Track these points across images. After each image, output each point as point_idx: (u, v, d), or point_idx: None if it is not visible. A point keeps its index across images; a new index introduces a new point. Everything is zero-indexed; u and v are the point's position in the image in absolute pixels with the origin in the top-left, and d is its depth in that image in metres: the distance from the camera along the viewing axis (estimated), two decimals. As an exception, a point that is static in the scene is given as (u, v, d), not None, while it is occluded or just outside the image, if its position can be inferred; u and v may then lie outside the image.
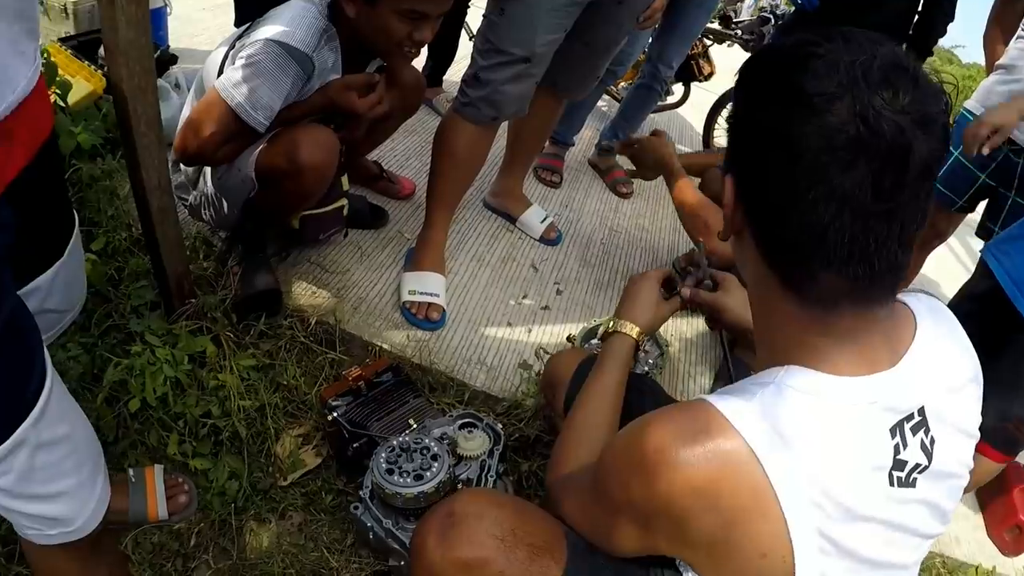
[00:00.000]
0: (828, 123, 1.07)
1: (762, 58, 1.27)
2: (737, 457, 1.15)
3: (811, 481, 1.15)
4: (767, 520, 1.15)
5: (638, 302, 2.07)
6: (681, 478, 1.17)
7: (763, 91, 1.20)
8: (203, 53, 4.17)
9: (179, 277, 2.46)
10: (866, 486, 1.21)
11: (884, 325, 1.25)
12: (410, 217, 3.57)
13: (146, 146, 2.09)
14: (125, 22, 1.85)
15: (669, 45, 4.38)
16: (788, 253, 1.21)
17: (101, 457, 1.79)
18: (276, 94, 2.33)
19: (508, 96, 2.84)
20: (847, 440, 1.19)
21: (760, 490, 1.14)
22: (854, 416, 1.20)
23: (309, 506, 2.36)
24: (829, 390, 1.19)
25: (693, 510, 1.18)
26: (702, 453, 1.16)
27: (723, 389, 1.30)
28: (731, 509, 1.16)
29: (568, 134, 4.57)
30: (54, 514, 1.64)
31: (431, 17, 2.40)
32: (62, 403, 1.58)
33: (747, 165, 1.25)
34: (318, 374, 2.63)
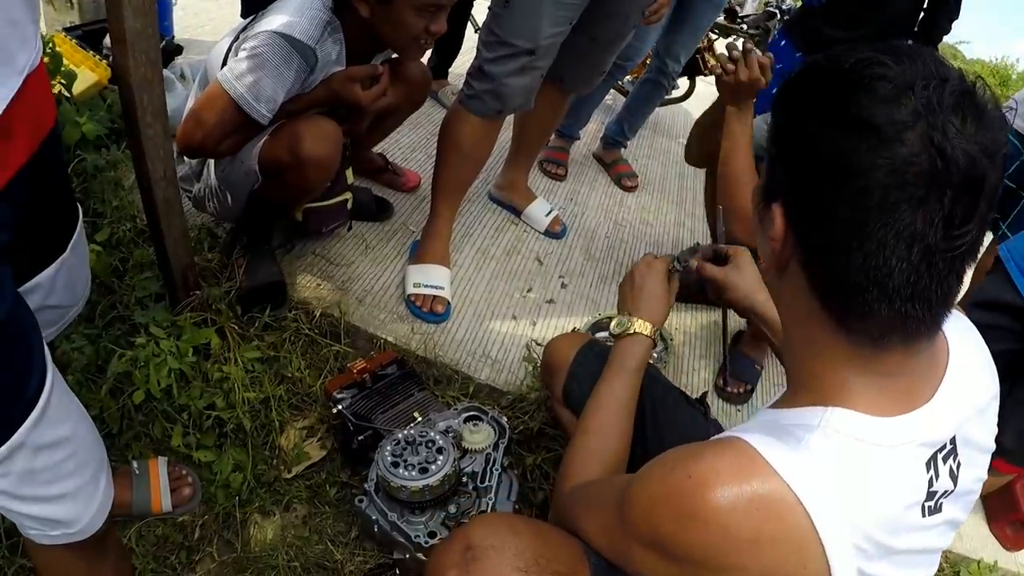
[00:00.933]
0: (899, 155, 0.99)
1: (815, 76, 1.14)
2: (783, 507, 1.10)
3: (854, 527, 1.12)
4: (808, 567, 1.12)
5: (647, 295, 2.00)
6: (723, 530, 1.12)
7: (821, 115, 1.10)
8: (208, 43, 4.18)
9: (184, 269, 2.45)
10: (903, 523, 1.19)
11: (924, 357, 1.21)
12: (415, 210, 3.57)
13: (152, 137, 2.08)
14: (132, 12, 1.84)
15: (677, 40, 4.38)
16: (846, 290, 1.13)
17: (104, 457, 1.78)
18: (279, 86, 2.32)
19: (513, 89, 2.83)
20: (889, 483, 1.16)
21: (806, 541, 1.10)
22: (896, 457, 1.17)
23: (313, 499, 2.36)
24: (874, 434, 1.15)
25: (733, 561, 1.14)
26: (747, 504, 1.11)
27: (758, 427, 1.25)
28: (774, 560, 1.13)
29: (574, 128, 4.57)
30: (56, 516, 1.63)
31: (444, 8, 2.42)
32: (63, 403, 1.57)
33: (803, 197, 1.15)
34: (323, 366, 2.63)
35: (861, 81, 1.04)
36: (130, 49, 1.90)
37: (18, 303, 1.41)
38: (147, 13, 1.89)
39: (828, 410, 1.17)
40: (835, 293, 1.14)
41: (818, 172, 1.10)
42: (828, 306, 1.16)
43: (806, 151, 1.12)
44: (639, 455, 2.10)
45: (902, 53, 1.05)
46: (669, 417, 2.23)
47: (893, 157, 0.99)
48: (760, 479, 1.11)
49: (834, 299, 1.15)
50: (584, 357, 2.26)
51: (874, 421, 1.16)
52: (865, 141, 1.02)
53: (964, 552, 3.18)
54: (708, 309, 3.68)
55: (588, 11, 2.84)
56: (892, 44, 1.07)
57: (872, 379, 1.18)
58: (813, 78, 1.14)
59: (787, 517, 1.10)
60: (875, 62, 1.04)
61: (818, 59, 1.14)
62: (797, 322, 1.27)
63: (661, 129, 5.90)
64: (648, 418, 2.17)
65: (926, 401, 1.20)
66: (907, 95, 1.01)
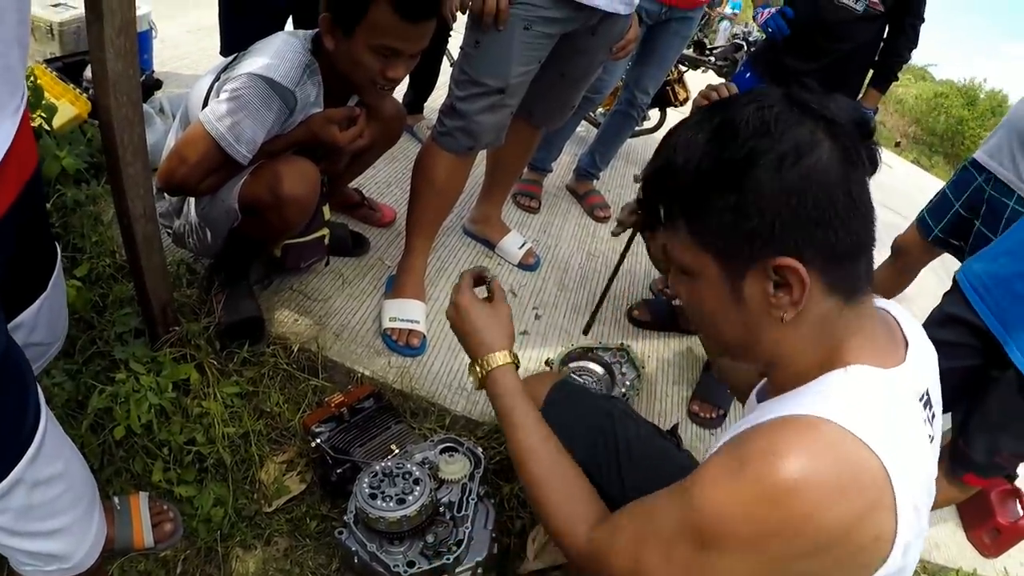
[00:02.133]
0: (819, 157, 1.19)
1: (691, 170, 1.27)
2: (851, 449, 1.18)
3: (906, 467, 1.21)
4: (884, 509, 1.18)
5: (476, 330, 1.89)
6: (816, 490, 1.14)
7: (749, 176, 1.21)
8: (188, 77, 4.21)
9: (163, 305, 2.48)
10: (926, 457, 1.32)
11: (882, 322, 1.39)
12: (391, 244, 3.60)
13: (132, 175, 2.12)
14: (114, 54, 1.88)
15: (645, 73, 4.45)
16: (845, 265, 1.28)
17: (96, 493, 1.81)
18: (259, 127, 2.36)
19: (484, 126, 2.89)
20: (912, 420, 1.30)
21: (884, 489, 1.18)
22: (906, 400, 1.31)
23: (294, 532, 2.38)
24: (887, 381, 1.29)
25: (829, 520, 1.15)
26: (824, 457, 1.16)
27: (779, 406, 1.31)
28: (861, 516, 1.17)
29: (546, 160, 4.62)
30: (52, 551, 1.65)
31: (404, 55, 2.44)
32: (56, 440, 1.60)
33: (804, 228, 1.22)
34: (301, 401, 2.66)
35: (751, 150, 1.21)
36: (112, 90, 1.93)
37: (11, 342, 1.44)
38: (128, 55, 1.93)
39: (846, 369, 1.29)
40: (840, 274, 1.28)
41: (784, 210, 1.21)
42: (835, 287, 1.28)
43: (766, 205, 1.22)
44: (616, 493, 2.15)
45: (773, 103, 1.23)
46: (644, 451, 2.26)
47: (818, 155, 1.20)
48: (821, 432, 1.19)
49: (839, 277, 1.28)
50: (555, 398, 2.30)
51: (882, 371, 1.29)
52: (788, 163, 1.19)
53: (942, 561, 3.25)
54: (680, 336, 3.74)
55: (557, 48, 2.90)
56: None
57: (861, 340, 1.31)
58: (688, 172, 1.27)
59: (858, 458, 1.17)
60: (754, 134, 1.22)
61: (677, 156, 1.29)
62: (801, 324, 1.32)
63: (633, 160, 5.96)
64: (623, 455, 2.21)
65: (903, 358, 1.35)
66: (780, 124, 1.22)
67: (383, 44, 2.36)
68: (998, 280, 2.66)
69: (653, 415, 3.23)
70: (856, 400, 1.24)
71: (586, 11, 2.78)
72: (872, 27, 3.96)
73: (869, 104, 4.27)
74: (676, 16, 4.10)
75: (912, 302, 4.81)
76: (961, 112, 18.67)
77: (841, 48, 3.95)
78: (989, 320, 2.63)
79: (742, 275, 1.28)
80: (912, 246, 4.01)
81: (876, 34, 4.03)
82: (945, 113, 18.72)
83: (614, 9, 2.83)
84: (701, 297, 1.38)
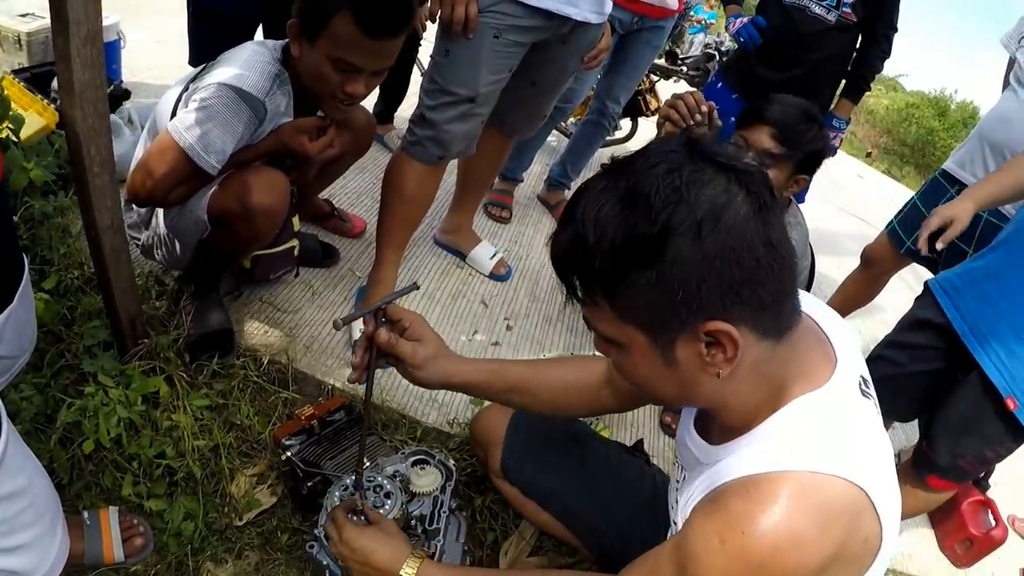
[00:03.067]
0: (736, 213, 1.17)
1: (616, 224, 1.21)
2: (824, 490, 1.23)
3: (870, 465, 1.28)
4: (866, 516, 1.25)
5: (378, 550, 1.83)
6: (799, 544, 1.20)
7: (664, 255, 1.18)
8: (157, 87, 4.19)
9: (132, 317, 2.46)
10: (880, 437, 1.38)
11: (809, 334, 1.43)
12: (361, 255, 3.60)
13: (99, 187, 2.10)
14: (80, 64, 1.87)
15: (616, 82, 4.45)
16: (770, 312, 1.27)
17: (59, 507, 1.79)
18: (229, 138, 2.35)
19: (454, 136, 2.89)
20: (860, 416, 1.37)
21: (860, 501, 1.24)
22: (850, 403, 1.37)
23: (265, 545, 2.36)
24: (827, 395, 1.34)
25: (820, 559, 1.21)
26: (800, 509, 1.21)
27: (735, 461, 1.37)
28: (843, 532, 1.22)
29: (517, 170, 4.63)
30: (15, 567, 1.63)
31: (364, 72, 2.41)
32: (18, 454, 1.58)
33: (731, 289, 1.21)
34: (271, 413, 2.64)
35: (667, 221, 1.16)
36: (78, 100, 1.92)
37: None
38: (96, 65, 1.91)
39: (785, 407, 1.33)
40: (770, 320, 1.28)
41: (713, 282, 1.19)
42: (766, 334, 1.29)
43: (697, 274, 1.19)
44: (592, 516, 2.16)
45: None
46: (613, 470, 2.28)
47: (735, 216, 1.17)
48: (789, 485, 1.23)
49: (769, 323, 1.29)
50: (517, 427, 2.31)
51: (821, 391, 1.33)
52: (708, 230, 1.16)
53: (915, 572, 3.28)
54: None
55: (528, 58, 2.90)
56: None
57: (796, 368, 1.35)
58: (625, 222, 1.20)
59: (830, 492, 1.22)
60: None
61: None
62: (738, 373, 1.32)
63: (604, 169, 5.95)
64: (593, 474, 2.23)
65: (834, 360, 1.40)
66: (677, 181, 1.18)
67: (341, 58, 2.34)
68: (968, 280, 2.69)
69: (625, 426, 3.23)
70: (808, 436, 1.29)
71: (557, 20, 2.78)
72: (844, 37, 3.98)
73: (841, 114, 4.29)
74: (647, 26, 4.12)
75: (882, 311, 4.85)
76: (932, 123, 18.77)
77: (813, 58, 3.97)
78: (956, 321, 2.66)
79: (672, 342, 1.28)
80: (882, 256, 4.04)
81: (848, 44, 4.06)
82: (916, 124, 18.84)
83: (585, 18, 2.83)
84: (634, 363, 1.37)
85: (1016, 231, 2.64)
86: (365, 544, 1.83)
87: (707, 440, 1.55)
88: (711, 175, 1.18)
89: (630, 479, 2.28)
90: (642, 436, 3.02)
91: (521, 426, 2.31)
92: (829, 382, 1.35)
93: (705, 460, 1.50)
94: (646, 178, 1.18)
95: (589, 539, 2.23)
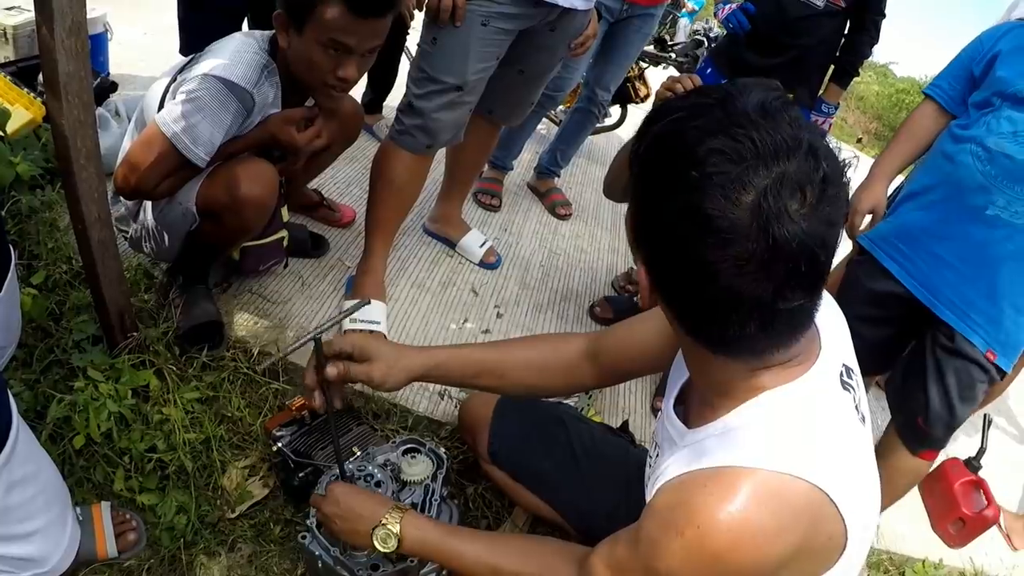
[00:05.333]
0: (740, 250, 1.09)
1: (658, 155, 1.20)
2: (782, 489, 1.23)
3: (839, 470, 1.27)
4: (827, 517, 1.25)
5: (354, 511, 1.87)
6: (754, 540, 1.22)
7: (665, 205, 1.17)
8: (144, 80, 4.17)
9: (120, 310, 2.45)
10: (855, 434, 1.37)
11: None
12: (350, 245, 3.59)
13: (85, 179, 2.09)
14: (65, 55, 1.86)
15: (606, 70, 4.45)
16: (708, 338, 1.29)
17: (68, 497, 1.80)
18: (217, 129, 2.34)
19: (442, 124, 2.89)
20: (837, 418, 1.35)
21: (822, 504, 1.24)
22: (828, 400, 1.35)
23: (258, 537, 2.36)
24: (798, 392, 1.32)
25: (776, 557, 1.23)
26: (756, 508, 1.22)
27: (703, 449, 1.37)
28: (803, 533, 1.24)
29: (507, 158, 4.62)
30: (29, 554, 1.64)
31: (355, 53, 2.39)
32: (27, 441, 1.59)
33: (660, 270, 1.26)
34: (262, 405, 2.64)
35: (702, 176, 1.11)
36: (63, 92, 1.91)
37: None
38: (80, 56, 1.91)
39: (755, 399, 1.32)
40: (700, 337, 1.30)
41: (667, 254, 1.21)
42: (699, 342, 1.31)
43: (656, 230, 1.22)
44: (579, 496, 2.17)
45: (746, 124, 1.11)
46: (598, 451, 2.29)
47: (735, 254, 1.10)
48: (748, 483, 1.23)
49: (701, 340, 1.30)
50: (503, 412, 2.32)
51: (792, 385, 1.32)
52: (710, 239, 1.10)
53: (908, 553, 3.30)
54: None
55: (515, 45, 2.90)
56: (738, 108, 1.13)
57: (771, 368, 1.32)
58: (664, 149, 1.20)
59: (789, 493, 1.23)
60: (714, 152, 1.10)
61: (668, 131, 1.19)
62: (686, 348, 1.41)
63: (595, 157, 5.97)
64: (580, 459, 2.23)
65: (819, 353, 1.38)
66: (746, 188, 1.08)
67: (332, 39, 2.32)
68: (911, 243, 2.72)
69: (617, 411, 3.24)
70: (774, 434, 1.29)
71: (544, 7, 2.78)
72: (833, 23, 3.97)
73: (830, 100, 4.29)
74: (638, 13, 4.11)
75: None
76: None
77: (802, 44, 3.95)
78: (918, 291, 2.70)
79: None
80: None
81: (837, 30, 4.04)
82: (906, 109, 18.73)
83: (572, 5, 2.83)
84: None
85: (951, 192, 2.63)
86: (352, 498, 1.89)
87: (684, 422, 1.56)
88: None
89: (615, 460, 2.29)
90: (631, 419, 3.03)
91: (507, 411, 2.32)
92: (807, 373, 1.34)
93: (679, 442, 1.51)
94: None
95: (577, 521, 2.24)
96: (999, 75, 2.61)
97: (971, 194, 2.54)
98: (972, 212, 2.55)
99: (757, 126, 1.10)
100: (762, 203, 1.07)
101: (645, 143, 1.23)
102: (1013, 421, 4.64)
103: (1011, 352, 2.63)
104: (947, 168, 2.65)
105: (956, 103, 2.84)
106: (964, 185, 2.57)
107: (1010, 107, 2.53)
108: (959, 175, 2.59)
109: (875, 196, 2.93)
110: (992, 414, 3.74)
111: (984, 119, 2.59)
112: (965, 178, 2.56)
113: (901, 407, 2.85)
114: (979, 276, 2.57)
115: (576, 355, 2.02)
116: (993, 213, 2.50)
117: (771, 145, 1.09)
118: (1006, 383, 3.79)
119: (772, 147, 1.09)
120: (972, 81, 2.77)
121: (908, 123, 3.04)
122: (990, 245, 2.54)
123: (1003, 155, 2.48)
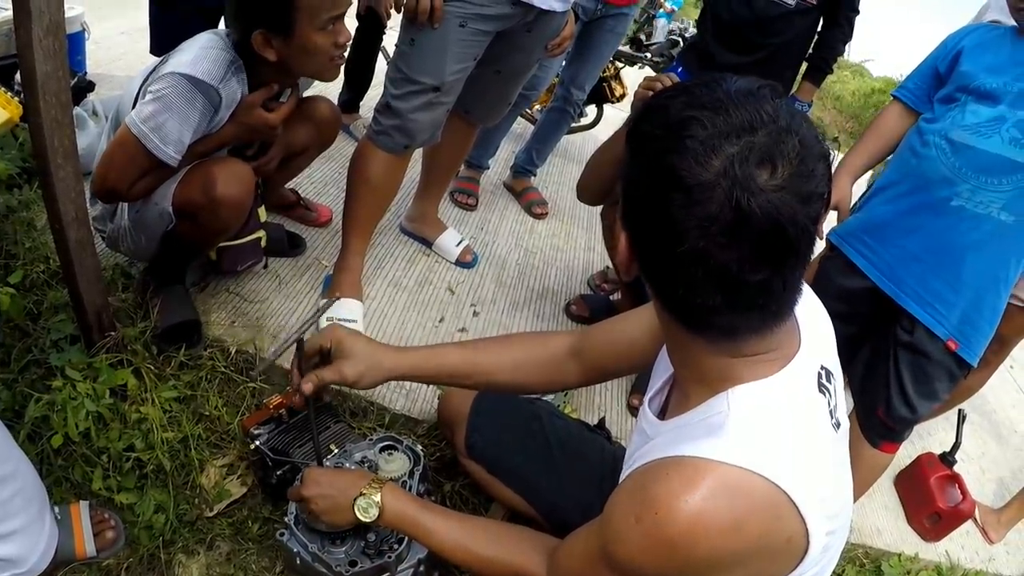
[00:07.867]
0: (706, 213, 1.12)
1: (645, 125, 1.25)
2: (742, 484, 1.24)
3: (798, 465, 1.27)
4: (784, 517, 1.25)
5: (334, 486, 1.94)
6: (707, 532, 1.23)
7: (644, 167, 1.22)
8: (122, 79, 4.17)
9: (98, 310, 2.45)
10: (825, 439, 1.38)
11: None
12: (328, 244, 3.60)
13: (63, 179, 2.09)
14: (43, 55, 1.87)
15: (581, 69, 4.48)
16: (681, 310, 1.31)
17: (46, 496, 1.80)
18: (185, 127, 2.35)
19: (420, 124, 2.91)
20: (807, 417, 1.36)
21: (773, 496, 1.24)
22: (800, 400, 1.36)
23: (237, 535, 2.37)
24: (771, 389, 1.33)
25: (730, 551, 1.25)
26: (714, 501, 1.23)
27: (676, 439, 1.38)
28: (760, 530, 1.25)
29: (483, 157, 4.63)
30: (7, 555, 1.64)
31: (342, 14, 2.48)
32: (5, 440, 1.60)
33: (638, 232, 1.29)
34: (240, 403, 2.64)
35: (676, 139, 1.16)
36: (40, 91, 1.92)
37: None
38: (58, 56, 1.91)
39: (727, 392, 1.33)
40: (673, 309, 1.32)
41: (644, 215, 1.24)
42: (675, 316, 1.33)
43: (636, 195, 1.26)
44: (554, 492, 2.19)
45: (726, 102, 1.16)
46: (574, 448, 2.31)
47: (701, 215, 1.12)
48: (709, 476, 1.24)
49: (675, 312, 1.33)
50: (481, 407, 2.34)
51: (766, 382, 1.33)
52: (676, 198, 1.14)
53: (884, 547, 3.33)
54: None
55: (493, 46, 2.92)
56: (723, 89, 1.19)
57: (746, 359, 1.34)
58: (643, 128, 1.25)
59: (749, 489, 1.23)
60: (693, 119, 1.15)
61: (658, 101, 1.25)
62: (664, 326, 1.42)
63: (571, 156, 5.97)
64: (556, 455, 2.25)
65: (797, 351, 1.38)
66: (716, 152, 1.12)
67: (328, 17, 2.40)
68: (879, 236, 2.76)
69: (592, 408, 3.26)
70: (739, 430, 1.30)
71: (522, 8, 2.81)
72: (805, 21, 3.96)
73: (804, 98, 4.29)
74: (611, 13, 4.14)
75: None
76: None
77: (773, 42, 3.95)
78: (883, 283, 2.73)
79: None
80: None
81: (809, 28, 4.04)
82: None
83: (549, 6, 2.86)
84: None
85: (917, 184, 2.66)
86: (330, 475, 1.98)
87: (659, 417, 1.59)
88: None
89: (591, 457, 2.31)
90: (607, 416, 3.05)
91: (485, 406, 2.34)
92: (783, 370, 1.35)
93: (651, 433, 1.54)
94: None
95: (551, 515, 2.25)
96: (962, 70, 2.66)
97: (936, 186, 2.58)
98: (938, 204, 2.58)
99: (738, 104, 1.15)
100: (728, 169, 1.11)
101: (638, 114, 1.29)
102: (987, 416, 4.69)
103: (975, 343, 2.65)
104: (913, 162, 2.69)
105: (922, 101, 2.88)
106: (929, 178, 2.60)
107: (974, 101, 2.58)
108: (924, 168, 2.63)
109: (839, 192, 2.97)
110: (967, 410, 3.77)
111: (949, 113, 2.63)
112: (930, 171, 2.60)
113: (862, 398, 2.88)
114: (944, 266, 2.60)
115: (561, 353, 2.05)
116: (958, 204, 2.53)
117: (747, 119, 1.13)
118: (978, 381, 3.81)
119: (748, 120, 1.13)
120: (938, 78, 2.82)
121: (875, 122, 3.10)
122: (956, 236, 2.57)
123: (967, 147, 2.52)
